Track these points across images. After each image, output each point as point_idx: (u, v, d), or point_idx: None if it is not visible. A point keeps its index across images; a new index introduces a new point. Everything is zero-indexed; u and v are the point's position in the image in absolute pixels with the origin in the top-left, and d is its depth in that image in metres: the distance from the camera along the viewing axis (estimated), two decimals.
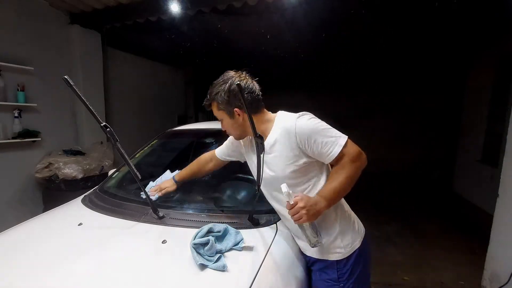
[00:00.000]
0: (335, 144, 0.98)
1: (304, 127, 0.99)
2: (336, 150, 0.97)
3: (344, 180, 0.97)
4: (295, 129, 0.99)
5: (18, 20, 2.84)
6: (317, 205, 0.93)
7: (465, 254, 2.84)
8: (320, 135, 0.98)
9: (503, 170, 2.10)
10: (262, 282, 0.92)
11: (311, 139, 0.98)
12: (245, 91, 1.04)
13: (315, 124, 1.01)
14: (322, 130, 0.99)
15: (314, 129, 0.99)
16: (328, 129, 1.01)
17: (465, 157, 4.77)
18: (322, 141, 0.98)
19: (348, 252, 1.10)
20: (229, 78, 1.08)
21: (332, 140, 0.98)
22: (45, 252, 1.07)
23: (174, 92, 6.02)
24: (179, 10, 2.87)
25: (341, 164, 0.99)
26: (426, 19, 3.36)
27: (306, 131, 0.99)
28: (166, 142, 2.24)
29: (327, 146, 0.98)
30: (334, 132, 1.01)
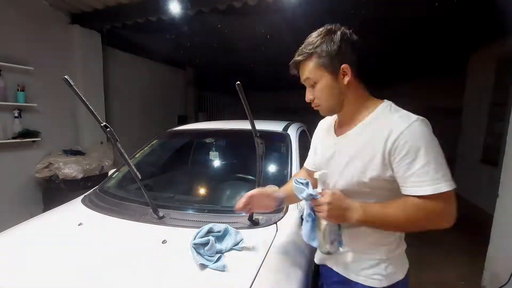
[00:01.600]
0: (434, 183, 0.71)
1: (417, 135, 0.73)
2: (425, 190, 0.72)
3: (402, 218, 0.74)
4: (401, 133, 0.74)
5: (18, 20, 2.84)
6: (348, 211, 0.75)
7: (465, 254, 2.84)
8: (427, 159, 0.72)
9: (503, 170, 2.10)
10: (262, 282, 0.92)
11: (410, 155, 0.73)
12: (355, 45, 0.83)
13: (431, 142, 0.74)
14: (433, 156, 0.72)
15: (426, 147, 0.72)
16: (441, 159, 0.74)
17: (465, 157, 4.77)
18: (421, 168, 0.72)
19: (388, 282, 0.88)
20: (337, 28, 0.83)
21: (434, 177, 0.71)
22: (45, 252, 1.07)
23: (174, 92, 6.02)
24: (179, 10, 2.87)
25: (418, 203, 0.73)
26: (426, 19, 3.36)
27: (415, 140, 0.73)
28: (166, 142, 2.24)
29: (422, 177, 0.72)
30: (444, 168, 0.73)
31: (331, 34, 0.82)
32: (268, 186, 1.18)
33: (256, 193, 1.01)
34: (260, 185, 1.16)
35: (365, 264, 0.89)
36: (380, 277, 0.88)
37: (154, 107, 5.24)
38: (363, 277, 0.89)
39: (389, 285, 0.88)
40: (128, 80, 4.56)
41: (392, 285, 0.88)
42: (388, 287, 0.88)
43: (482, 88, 4.30)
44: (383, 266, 0.88)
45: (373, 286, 0.88)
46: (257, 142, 1.05)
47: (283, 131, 1.92)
